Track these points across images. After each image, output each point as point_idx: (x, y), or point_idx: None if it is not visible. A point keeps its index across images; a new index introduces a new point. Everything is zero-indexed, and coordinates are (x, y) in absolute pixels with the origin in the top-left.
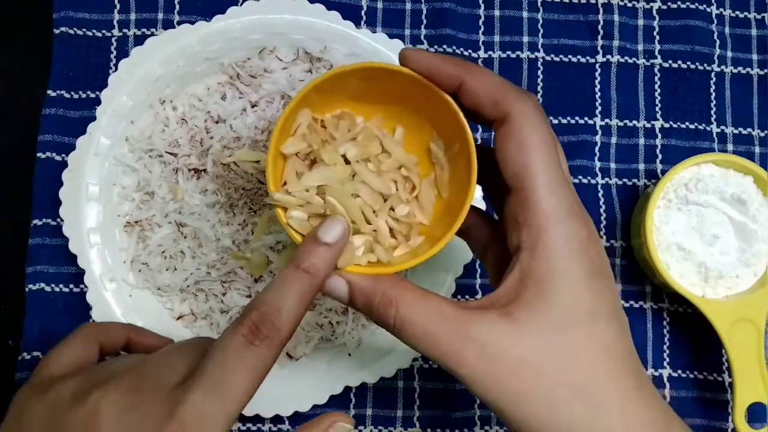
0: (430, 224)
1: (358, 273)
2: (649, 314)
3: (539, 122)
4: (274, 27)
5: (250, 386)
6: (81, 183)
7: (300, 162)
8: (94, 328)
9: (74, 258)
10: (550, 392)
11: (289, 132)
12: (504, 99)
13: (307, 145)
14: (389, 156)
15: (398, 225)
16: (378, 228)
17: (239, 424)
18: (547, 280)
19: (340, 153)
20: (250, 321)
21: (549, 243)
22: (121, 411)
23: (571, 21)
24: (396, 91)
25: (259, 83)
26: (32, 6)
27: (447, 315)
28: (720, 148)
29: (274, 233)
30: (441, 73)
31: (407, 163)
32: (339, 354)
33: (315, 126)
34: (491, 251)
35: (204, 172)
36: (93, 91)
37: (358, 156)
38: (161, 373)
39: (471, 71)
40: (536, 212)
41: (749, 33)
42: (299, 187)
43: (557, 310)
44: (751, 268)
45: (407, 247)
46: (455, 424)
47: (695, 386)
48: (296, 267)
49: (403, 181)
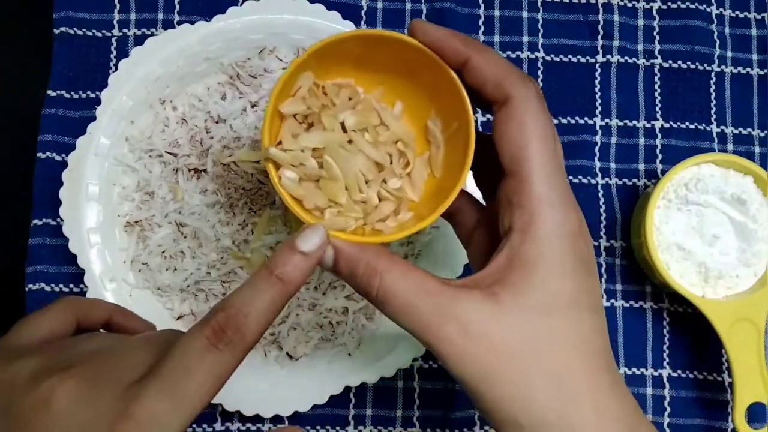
0: (419, 202)
1: (345, 239)
2: (649, 314)
3: (539, 108)
4: (274, 27)
5: (207, 390)
6: (81, 183)
7: (297, 124)
8: (75, 302)
9: (74, 258)
10: (525, 375)
11: (289, 93)
12: (507, 81)
13: (306, 108)
14: (387, 129)
15: (389, 197)
16: (369, 198)
17: (239, 424)
18: (535, 264)
19: (339, 120)
20: (215, 322)
21: (541, 227)
22: (74, 401)
23: (571, 21)
24: (400, 62)
25: (259, 83)
26: (32, 6)
27: (431, 290)
28: (720, 148)
29: (274, 233)
30: (448, 47)
31: (404, 137)
32: (339, 354)
33: (316, 90)
34: (477, 236)
35: (204, 172)
36: (93, 91)
37: (357, 125)
38: (122, 365)
39: (478, 49)
40: (530, 196)
41: (749, 33)
42: (296, 146)
43: (542, 295)
44: (751, 268)
45: (395, 221)
46: (455, 424)
47: (695, 386)
48: (270, 272)
49: (398, 155)
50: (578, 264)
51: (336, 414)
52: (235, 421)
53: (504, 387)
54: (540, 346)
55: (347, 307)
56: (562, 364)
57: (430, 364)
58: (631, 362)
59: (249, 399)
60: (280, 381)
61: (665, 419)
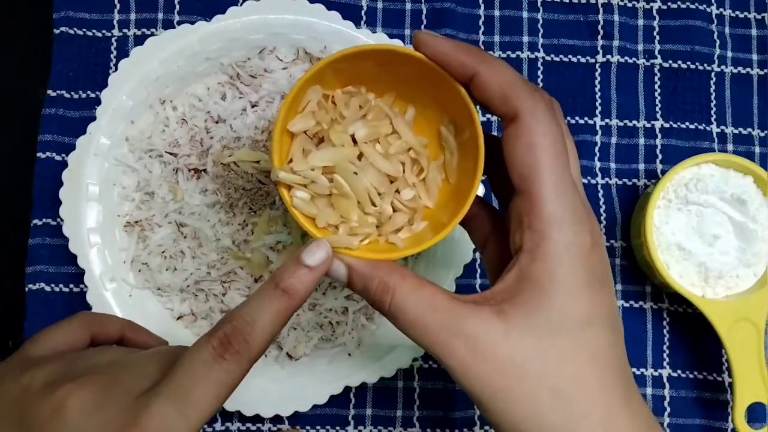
0: (434, 208)
1: (358, 257)
2: (649, 314)
3: (548, 123)
4: (274, 27)
5: (214, 399)
6: (81, 183)
7: (308, 139)
8: (90, 317)
9: (74, 258)
10: (532, 394)
11: (297, 109)
12: (514, 96)
13: (315, 123)
14: (398, 137)
15: (403, 208)
16: (383, 211)
17: (239, 424)
18: (545, 285)
19: (348, 133)
20: (222, 333)
21: (550, 248)
22: (86, 411)
23: (571, 21)
24: (408, 74)
25: (259, 83)
26: (32, 6)
27: (440, 306)
28: (720, 148)
29: (274, 233)
30: (454, 61)
31: (416, 145)
32: (339, 354)
33: (324, 103)
34: (491, 243)
35: (204, 172)
36: (93, 91)
37: (367, 137)
38: (133, 377)
39: (485, 63)
40: (540, 216)
41: (749, 33)
42: (305, 166)
43: (551, 314)
44: (751, 268)
45: (410, 231)
46: (455, 424)
47: (695, 386)
48: (275, 285)
49: (411, 163)
50: (590, 282)
51: (336, 414)
52: (235, 421)
53: (510, 405)
54: (547, 364)
55: (347, 307)
56: (570, 382)
57: (430, 364)
58: (631, 362)
59: (249, 399)
60: (280, 381)
61: (665, 419)
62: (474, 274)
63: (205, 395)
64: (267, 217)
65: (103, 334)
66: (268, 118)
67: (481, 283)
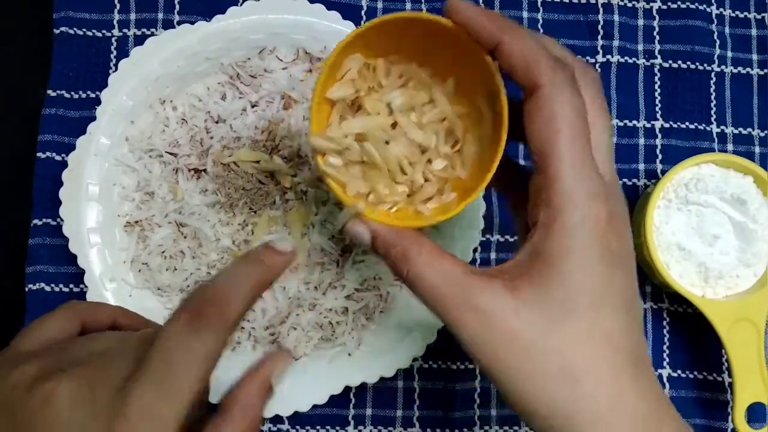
0: (464, 180)
1: (383, 223)
2: (649, 314)
3: (570, 96)
4: (274, 27)
5: (195, 374)
6: (81, 183)
7: (347, 107)
8: (79, 306)
9: (74, 258)
10: (539, 370)
11: (335, 77)
12: (536, 67)
13: (353, 91)
14: (434, 107)
15: (434, 178)
16: (414, 180)
17: None
18: (557, 261)
19: (384, 102)
20: (192, 304)
21: (563, 224)
22: (73, 402)
23: (571, 21)
24: (444, 44)
25: (259, 83)
26: (32, 6)
27: (455, 279)
28: (720, 148)
29: (274, 233)
30: (481, 28)
31: (451, 115)
32: (339, 354)
33: (366, 72)
34: (521, 211)
35: (204, 172)
36: (93, 91)
37: (403, 106)
38: (118, 364)
39: (510, 32)
40: (556, 191)
41: (749, 33)
42: (338, 133)
43: (562, 291)
44: (751, 268)
45: (439, 201)
46: (455, 424)
47: (695, 386)
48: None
49: (444, 133)
50: (605, 258)
51: (336, 414)
52: None
53: (518, 380)
54: (556, 342)
55: (347, 307)
56: (578, 360)
57: (430, 364)
58: None
59: None
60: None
61: None
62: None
63: (184, 372)
64: (267, 217)
65: (94, 322)
66: (268, 118)
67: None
